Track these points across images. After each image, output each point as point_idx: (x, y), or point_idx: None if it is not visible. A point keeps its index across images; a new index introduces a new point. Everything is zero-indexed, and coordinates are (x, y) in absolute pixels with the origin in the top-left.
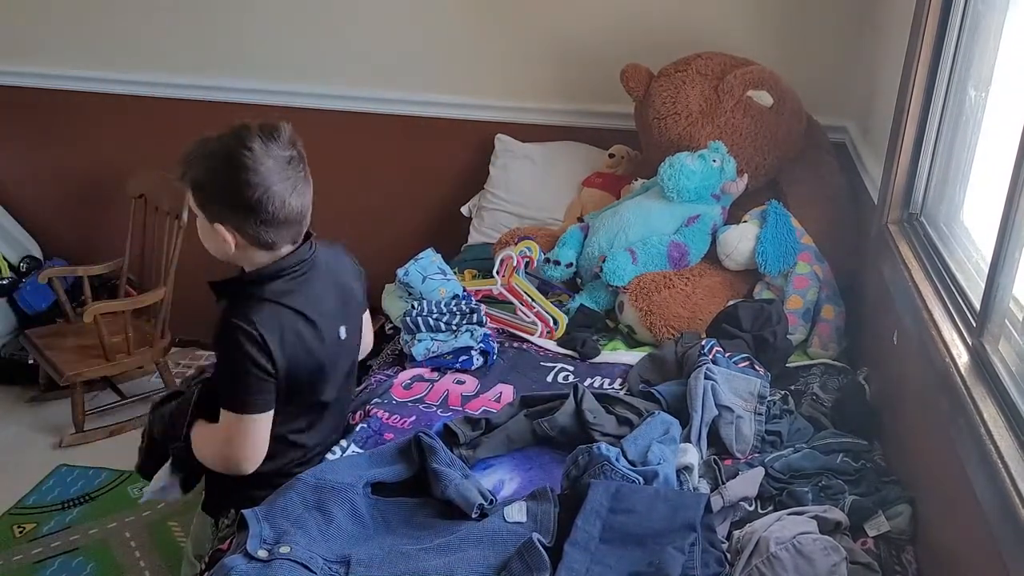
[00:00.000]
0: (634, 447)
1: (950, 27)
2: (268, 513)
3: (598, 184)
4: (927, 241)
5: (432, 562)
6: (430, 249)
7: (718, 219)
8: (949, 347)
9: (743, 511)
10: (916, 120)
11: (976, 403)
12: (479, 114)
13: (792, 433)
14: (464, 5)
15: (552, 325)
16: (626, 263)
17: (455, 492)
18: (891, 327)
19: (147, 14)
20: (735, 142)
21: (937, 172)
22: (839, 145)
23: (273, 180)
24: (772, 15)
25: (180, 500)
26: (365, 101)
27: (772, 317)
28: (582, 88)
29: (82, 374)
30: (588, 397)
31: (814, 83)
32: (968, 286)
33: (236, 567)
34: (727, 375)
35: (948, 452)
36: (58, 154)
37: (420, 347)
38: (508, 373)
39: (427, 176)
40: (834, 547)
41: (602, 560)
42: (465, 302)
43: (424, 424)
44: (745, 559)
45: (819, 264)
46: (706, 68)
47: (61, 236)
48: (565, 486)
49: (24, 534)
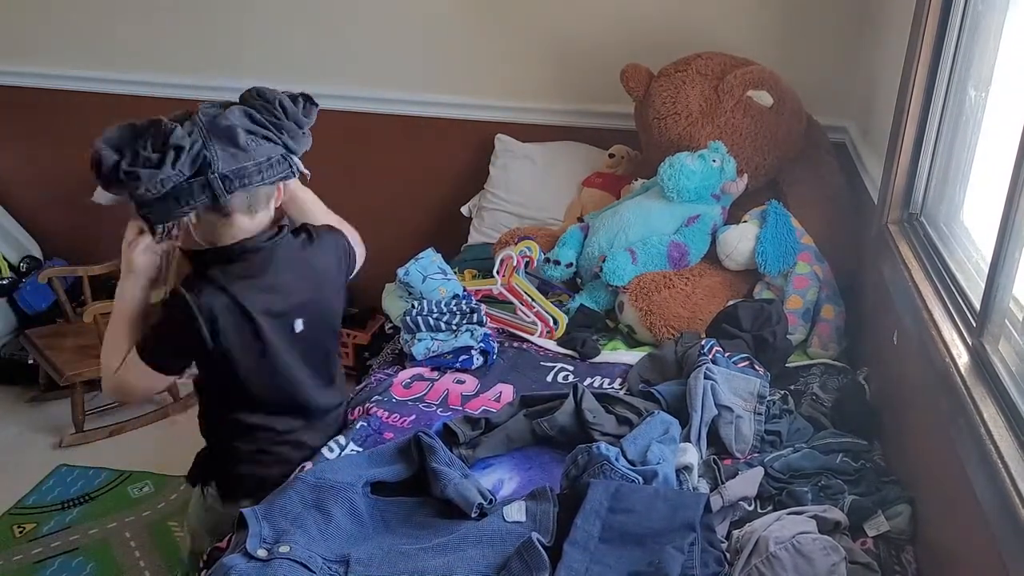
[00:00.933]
0: (633, 447)
1: (950, 27)
2: (267, 512)
3: (598, 184)
4: (927, 241)
5: (431, 562)
6: (430, 249)
7: (718, 219)
8: (949, 347)
9: (742, 511)
10: (916, 120)
11: (976, 403)
12: (479, 114)
13: (792, 433)
14: (464, 5)
15: (552, 325)
16: (626, 263)
17: (454, 492)
18: (891, 327)
19: (147, 14)
20: (735, 142)
21: (937, 172)
22: (839, 145)
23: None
24: (772, 15)
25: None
26: (365, 101)
27: (772, 317)
28: (582, 88)
29: (82, 374)
30: (587, 397)
31: (814, 83)
32: (968, 286)
33: (236, 566)
34: (727, 375)
35: (948, 452)
36: (58, 154)
37: (420, 346)
38: (508, 373)
39: (427, 176)
40: (833, 547)
41: (601, 560)
42: (465, 302)
43: (424, 423)
44: (744, 559)
45: (819, 264)
46: (706, 68)
47: (61, 236)
48: (564, 486)
49: (24, 534)
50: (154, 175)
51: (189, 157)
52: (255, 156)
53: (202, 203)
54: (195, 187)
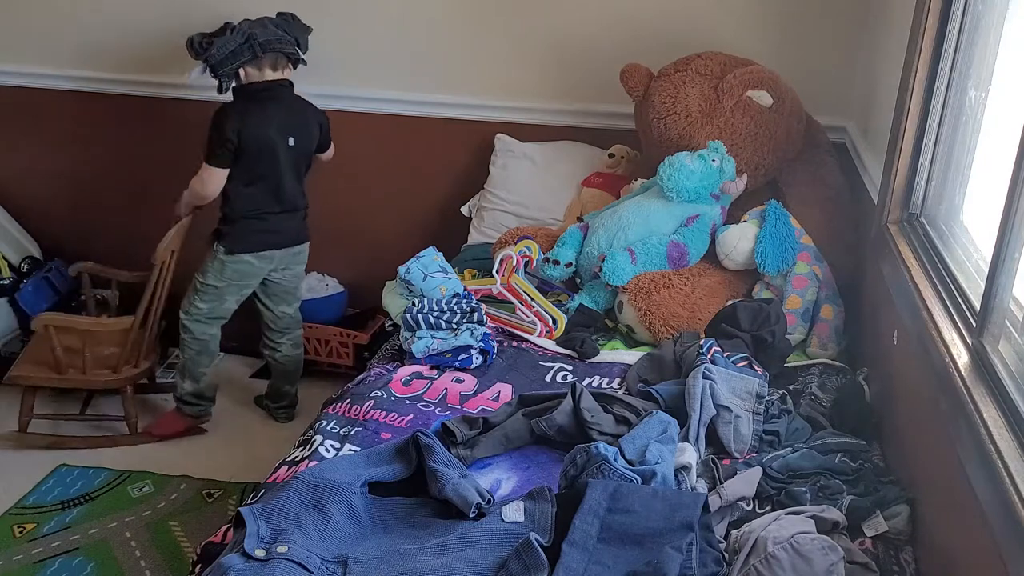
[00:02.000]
0: (632, 446)
1: (950, 27)
2: (266, 511)
3: (598, 184)
4: (927, 241)
5: (430, 562)
6: (432, 247)
7: (717, 219)
8: (949, 347)
9: (741, 511)
10: (916, 120)
11: (976, 403)
12: (479, 114)
13: (790, 433)
14: (464, 5)
15: (551, 325)
16: (625, 263)
17: (453, 491)
18: (891, 327)
19: (147, 15)
20: (735, 142)
21: (937, 172)
22: (839, 145)
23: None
24: (772, 15)
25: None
26: (365, 101)
27: (771, 317)
28: (582, 88)
29: (26, 378)
30: (586, 396)
31: (814, 83)
32: (968, 286)
33: (233, 566)
34: (725, 375)
35: (948, 452)
36: (58, 154)
37: (420, 344)
38: (507, 372)
39: (427, 176)
40: (832, 547)
41: (600, 560)
42: (465, 301)
43: (422, 423)
44: (743, 559)
45: (818, 264)
46: (706, 68)
47: (61, 236)
48: (563, 485)
49: (24, 534)
50: (222, 40)
51: (239, 31)
52: (276, 36)
53: (248, 58)
54: (244, 48)
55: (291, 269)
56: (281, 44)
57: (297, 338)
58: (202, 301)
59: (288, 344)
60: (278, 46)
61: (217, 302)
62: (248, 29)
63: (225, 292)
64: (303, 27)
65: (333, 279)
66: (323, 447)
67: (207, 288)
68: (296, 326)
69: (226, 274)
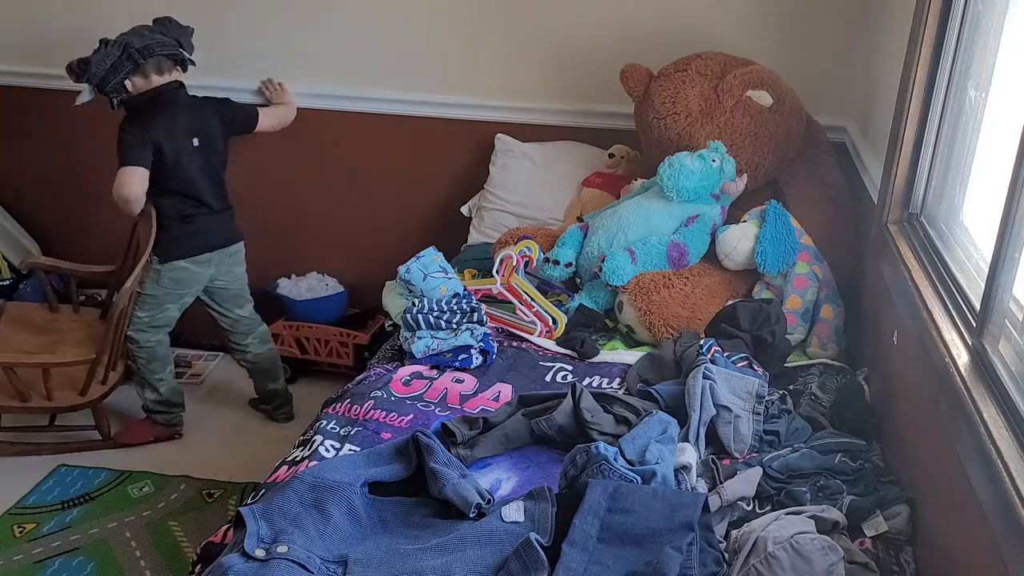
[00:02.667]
0: (632, 446)
1: (950, 27)
2: (266, 511)
3: (598, 184)
4: (927, 241)
5: (430, 562)
6: (432, 247)
7: (717, 219)
8: (949, 347)
9: (741, 511)
10: (916, 120)
11: (976, 403)
12: (479, 114)
13: (790, 433)
14: (464, 5)
15: (551, 325)
16: (625, 263)
17: (453, 491)
18: (891, 327)
19: (146, 15)
20: (735, 142)
21: (937, 172)
22: (839, 145)
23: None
24: (772, 15)
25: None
26: (365, 101)
27: (771, 317)
28: (582, 88)
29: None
30: (586, 396)
31: (814, 83)
32: (968, 286)
33: (233, 567)
34: (725, 375)
35: (948, 452)
36: (58, 154)
37: (420, 344)
38: (507, 372)
39: (427, 176)
40: (832, 547)
41: (600, 560)
42: (466, 301)
43: (422, 423)
44: (743, 559)
45: (818, 264)
46: (706, 68)
47: (61, 236)
48: (563, 485)
49: (24, 534)
50: (98, 57)
51: (115, 43)
52: (154, 40)
53: (129, 68)
54: (123, 60)
55: (232, 271)
56: (161, 47)
57: (263, 335)
58: (142, 310)
59: (255, 342)
60: (158, 49)
61: (156, 311)
62: (123, 40)
63: (164, 300)
64: (182, 28)
65: (333, 279)
66: (323, 447)
67: (145, 297)
68: (257, 324)
69: (163, 282)
